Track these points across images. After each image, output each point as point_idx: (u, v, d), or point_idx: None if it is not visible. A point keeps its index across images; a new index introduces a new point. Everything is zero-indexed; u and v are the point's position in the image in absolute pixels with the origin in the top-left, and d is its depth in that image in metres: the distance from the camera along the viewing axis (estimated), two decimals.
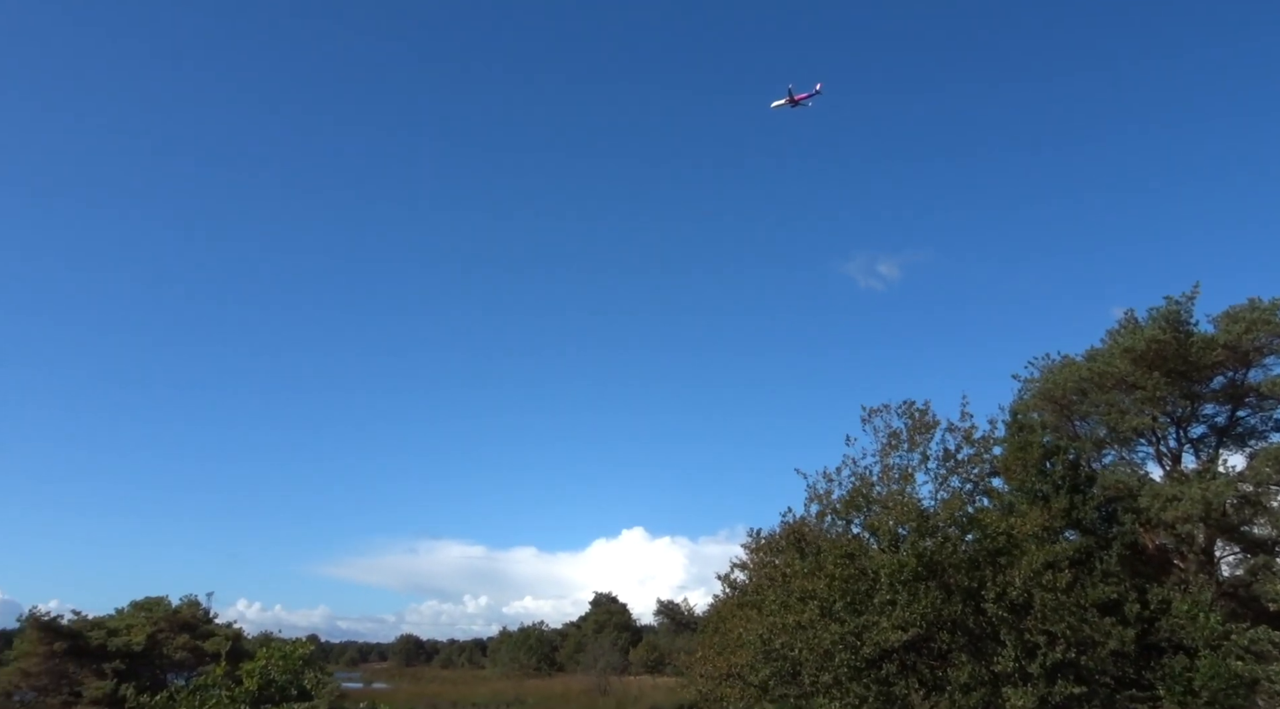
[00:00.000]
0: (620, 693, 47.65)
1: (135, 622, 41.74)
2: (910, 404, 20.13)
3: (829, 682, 16.75)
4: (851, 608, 16.70)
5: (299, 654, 11.95)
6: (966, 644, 16.85)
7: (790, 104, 48.52)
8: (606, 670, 56.10)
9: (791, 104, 48.45)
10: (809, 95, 48.83)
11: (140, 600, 44.72)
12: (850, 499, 19.25)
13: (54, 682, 38.11)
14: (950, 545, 17.10)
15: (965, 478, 20.08)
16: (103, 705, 36.08)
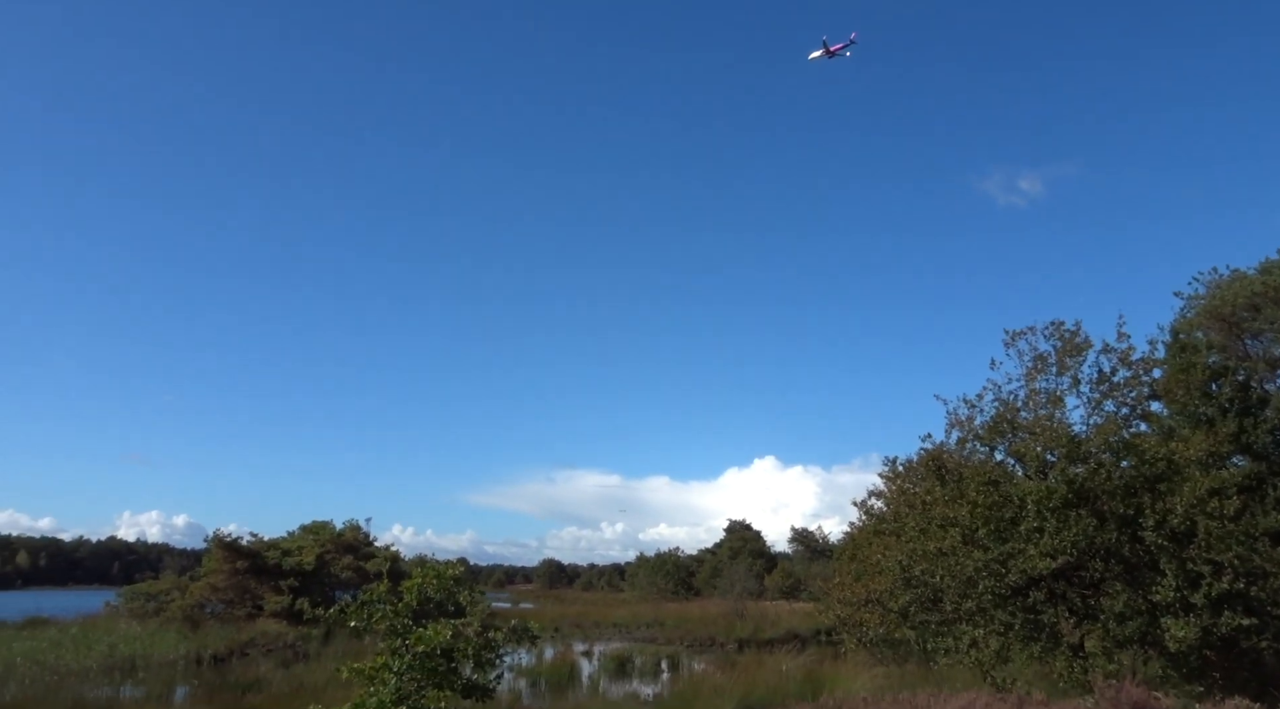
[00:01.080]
0: (757, 617, 48.37)
1: (305, 543, 45.24)
2: (1059, 325, 19.11)
3: (972, 609, 16.47)
4: (996, 535, 16.26)
5: (452, 574, 12.66)
6: (1122, 573, 16.18)
7: (826, 55, 48.10)
8: (742, 595, 56.99)
9: (828, 55, 48.01)
10: (844, 46, 48.14)
11: (308, 524, 48.33)
12: (994, 425, 18.59)
13: (239, 596, 41.90)
14: (1104, 472, 16.31)
15: (1121, 402, 19.01)
16: (281, 617, 39.48)
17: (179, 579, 46.20)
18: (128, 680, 24.87)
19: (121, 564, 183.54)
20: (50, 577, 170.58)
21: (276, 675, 22.82)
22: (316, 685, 17.28)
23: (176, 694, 19.91)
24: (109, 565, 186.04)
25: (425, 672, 11.03)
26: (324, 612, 12.88)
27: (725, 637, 41.67)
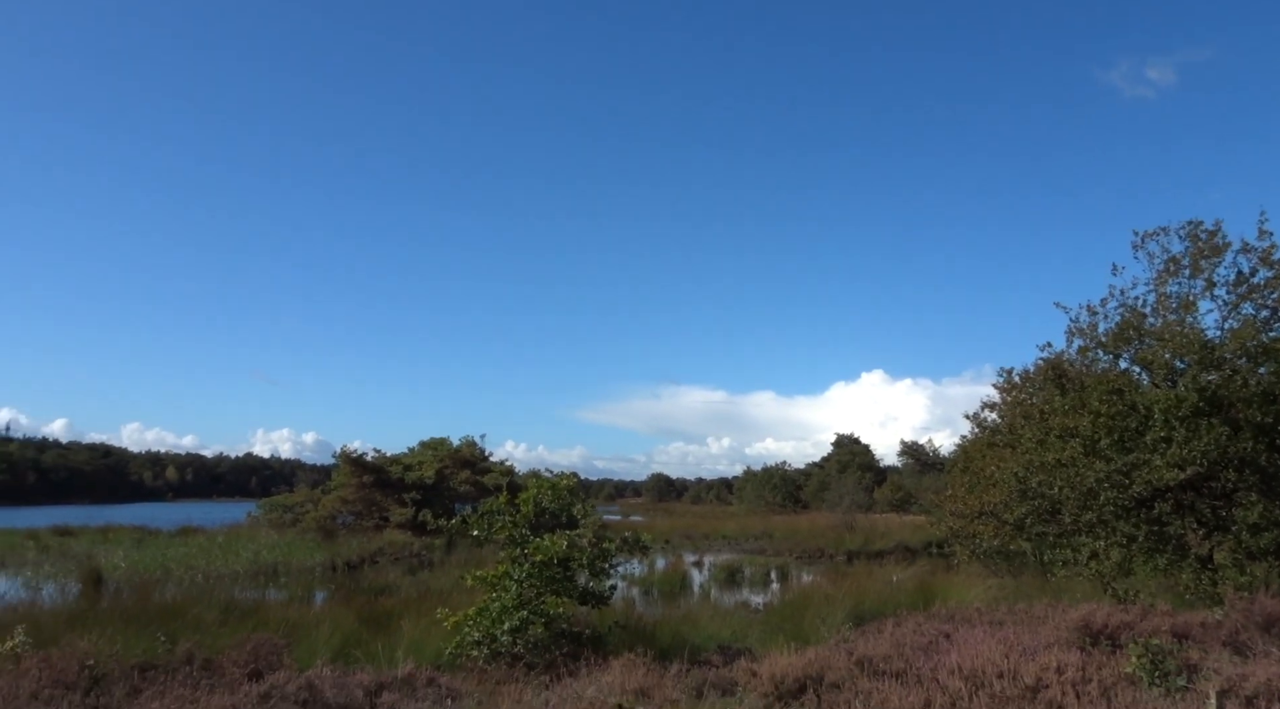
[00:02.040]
0: (866, 529, 48.40)
1: (425, 459, 47.33)
2: (1195, 225, 17.84)
3: (1092, 520, 16.01)
4: (1119, 445, 15.63)
5: (566, 486, 13.06)
6: (1257, 483, 15.38)
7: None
8: (851, 508, 57.02)
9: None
10: None
11: (427, 441, 50.44)
12: (1119, 332, 17.67)
13: (366, 508, 44.38)
14: (1240, 378, 15.38)
15: (1260, 304, 17.74)
16: (405, 528, 41.69)
17: (312, 492, 49.12)
18: (271, 584, 26.86)
19: (258, 478, 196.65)
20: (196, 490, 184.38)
21: (405, 581, 24.19)
22: (442, 591, 18.23)
23: (316, 597, 21.34)
24: (247, 479, 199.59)
25: (544, 579, 11.51)
26: (446, 523, 13.50)
27: (834, 549, 41.93)
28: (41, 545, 37.53)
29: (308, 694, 7.21)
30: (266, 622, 12.99)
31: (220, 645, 11.01)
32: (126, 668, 9.62)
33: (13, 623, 11.65)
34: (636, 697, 7.83)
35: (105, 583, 24.31)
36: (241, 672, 8.98)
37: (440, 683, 8.79)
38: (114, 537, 41.31)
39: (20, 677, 8.93)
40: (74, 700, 8.08)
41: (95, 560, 29.44)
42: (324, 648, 11.35)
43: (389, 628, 12.60)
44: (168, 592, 19.33)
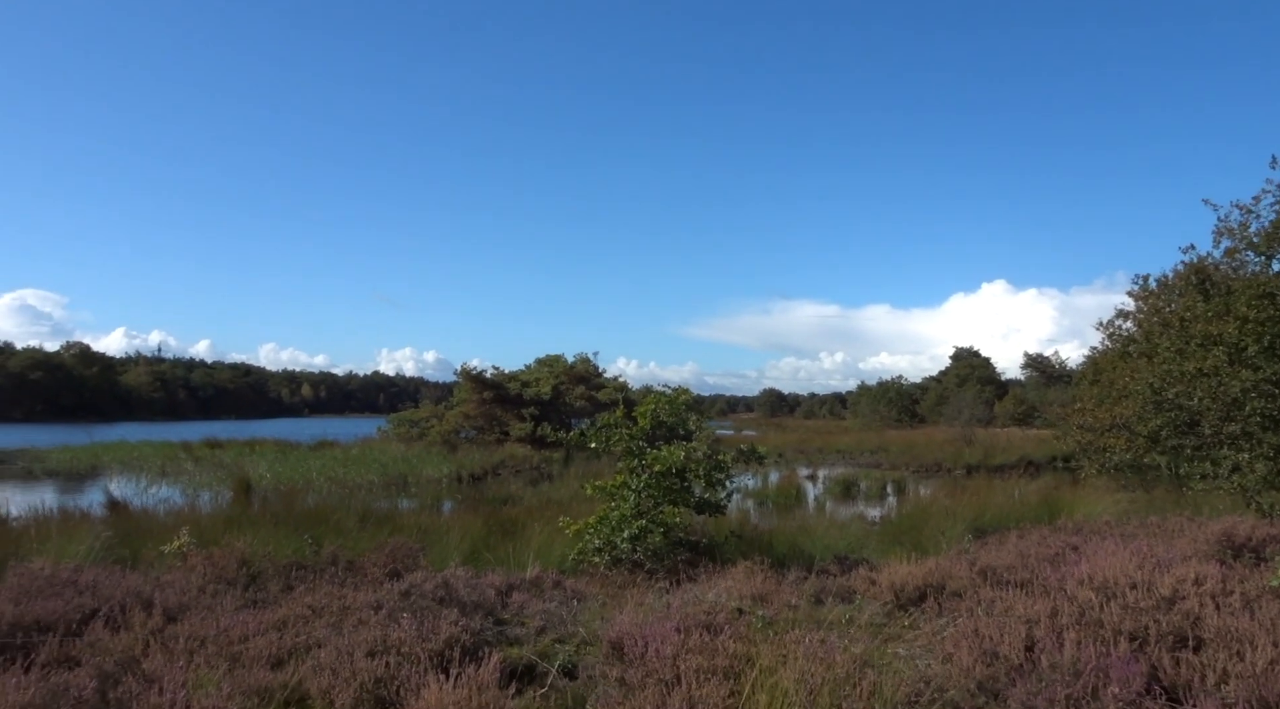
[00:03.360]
0: (986, 443, 47.26)
1: (541, 375, 48.52)
2: None
3: (1235, 432, 15.15)
4: (1269, 353, 14.63)
5: (682, 400, 13.19)
6: None
7: None
8: (971, 422, 55.64)
9: None
10: None
11: (543, 358, 51.61)
12: (1273, 231, 16.36)
13: (487, 422, 46.03)
14: None
15: None
16: (525, 442, 43.12)
17: (436, 408, 51.17)
18: (401, 494, 28.36)
19: (385, 395, 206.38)
20: (329, 406, 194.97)
21: (526, 492, 25.13)
22: (561, 501, 18.88)
23: (444, 506, 22.42)
24: (375, 396, 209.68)
25: (661, 489, 11.75)
26: (564, 436, 13.85)
27: (952, 463, 41.18)
28: (195, 456, 40.62)
29: (444, 592, 7.63)
30: (401, 528, 13.74)
31: (360, 549, 11.75)
32: (279, 567, 10.38)
33: (178, 525, 12.73)
34: (755, 601, 7.97)
35: (254, 491, 26.13)
36: (382, 572, 9.57)
37: (565, 585, 9.17)
38: (258, 449, 44.23)
39: (189, 572, 9.78)
40: (235, 594, 8.79)
41: (243, 470, 31.67)
42: (455, 552, 11.97)
43: (513, 535, 13.15)
44: (309, 500, 20.63)
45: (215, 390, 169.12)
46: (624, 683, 5.55)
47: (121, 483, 30.89)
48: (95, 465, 39.19)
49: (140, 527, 13.72)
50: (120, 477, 33.96)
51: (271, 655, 6.65)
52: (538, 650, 6.61)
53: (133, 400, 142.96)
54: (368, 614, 7.15)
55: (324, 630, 6.99)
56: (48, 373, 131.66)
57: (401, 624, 6.55)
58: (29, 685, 5.11)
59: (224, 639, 6.99)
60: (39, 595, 7.77)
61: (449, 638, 6.30)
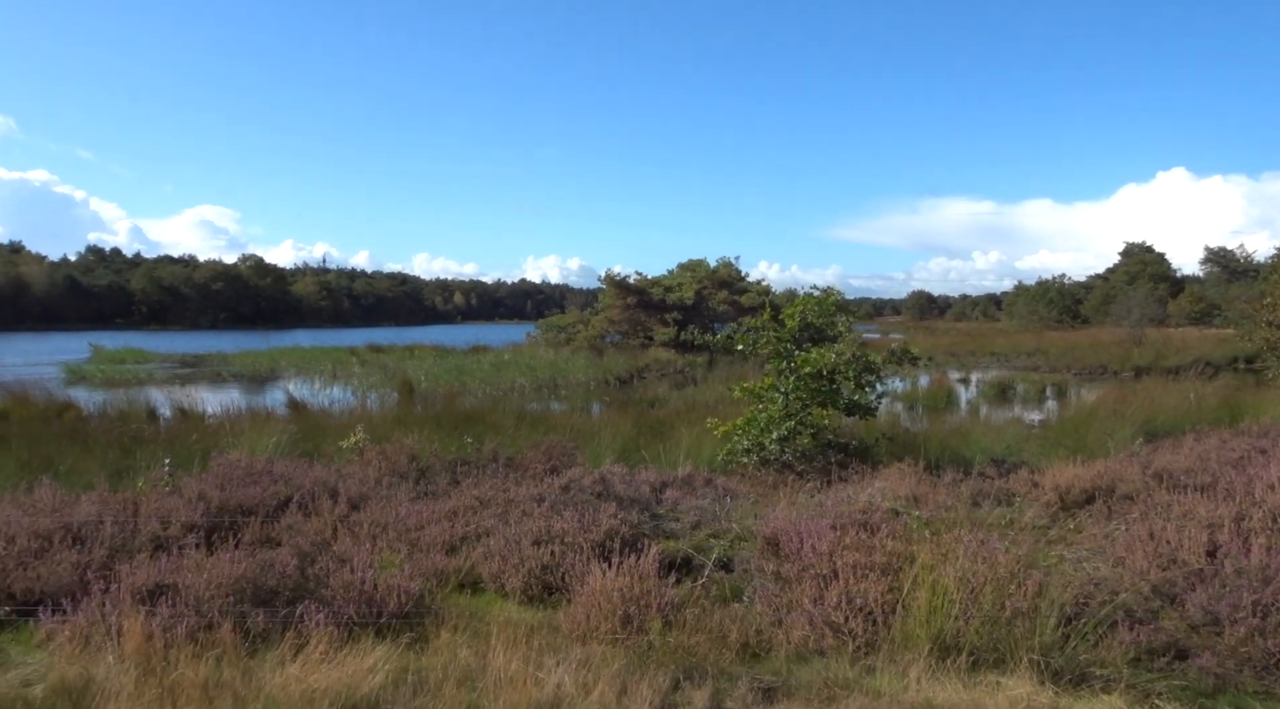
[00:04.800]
0: (1158, 344, 44.19)
1: (683, 280, 48.55)
2: None
3: None
4: None
5: (831, 301, 12.92)
6: None
7: None
8: (1141, 321, 52.06)
9: None
10: None
11: (685, 263, 51.49)
12: None
13: (632, 327, 46.67)
14: None
15: None
16: (669, 346, 43.56)
17: (581, 314, 52.21)
18: (552, 397, 29.35)
19: (532, 301, 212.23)
20: (480, 313, 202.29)
21: (672, 395, 25.48)
22: (707, 403, 19.07)
23: (593, 408, 23.07)
24: (523, 303, 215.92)
25: (810, 391, 11.65)
26: (710, 339, 13.88)
27: (1119, 365, 38.84)
28: (361, 360, 43.21)
29: (601, 487, 7.94)
30: (554, 428, 14.26)
31: (517, 447, 12.29)
32: (445, 462, 11.02)
33: (351, 423, 13.68)
34: (909, 502, 7.89)
35: (415, 392, 27.65)
36: (542, 468, 10.01)
37: (716, 483, 9.34)
38: (417, 354, 46.53)
39: (365, 466, 10.55)
40: (407, 486, 9.42)
41: (405, 374, 33.50)
42: (606, 452, 12.35)
43: (662, 436, 13.41)
44: (467, 401, 21.66)
45: (375, 299, 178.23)
46: (780, 576, 5.65)
47: (297, 384, 33.30)
48: (273, 368, 42.39)
49: (319, 424, 14.79)
50: (296, 379, 36.60)
51: (445, 542, 7.14)
52: (693, 544, 6.81)
53: (302, 308, 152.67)
54: (531, 506, 7.53)
55: (491, 521, 7.42)
56: (228, 283, 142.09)
57: (564, 516, 6.87)
58: (241, 560, 5.69)
59: (401, 526, 7.53)
60: (240, 483, 8.56)
61: (609, 530, 6.57)
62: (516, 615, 5.76)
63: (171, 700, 4.17)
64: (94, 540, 6.55)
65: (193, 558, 5.90)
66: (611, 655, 4.81)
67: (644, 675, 4.50)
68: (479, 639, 5.11)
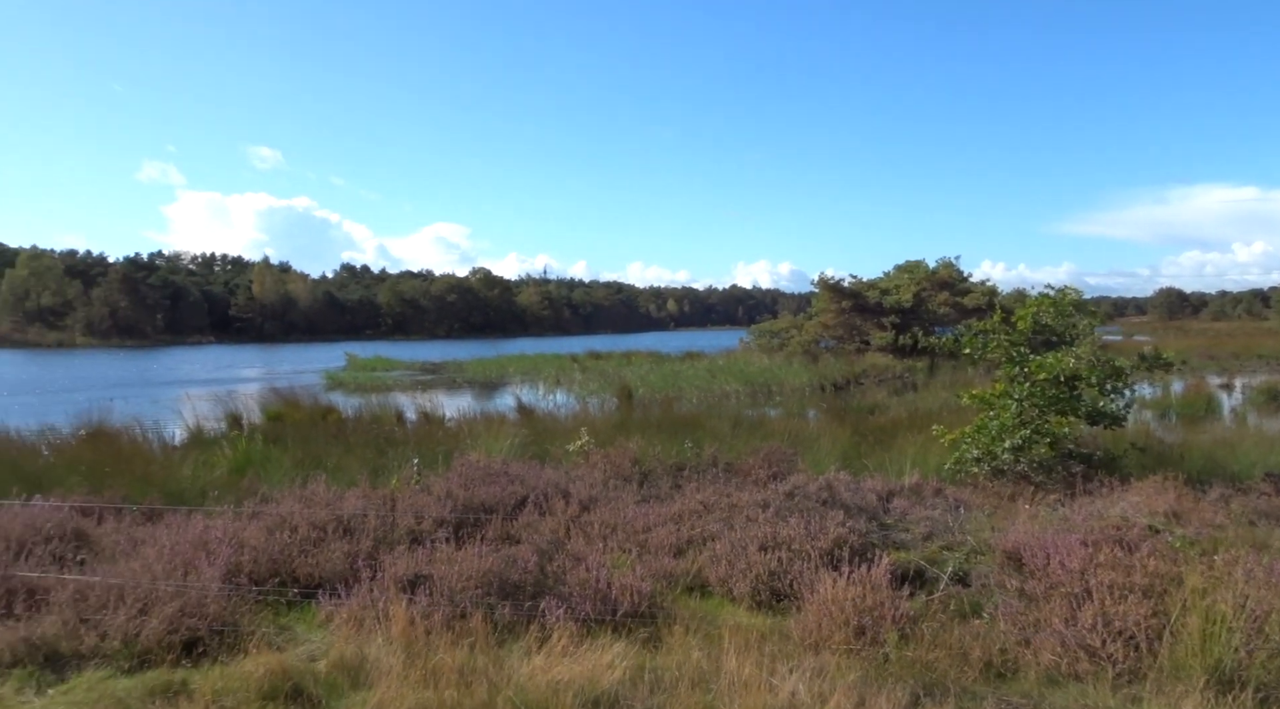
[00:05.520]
0: None
1: (901, 282, 46.86)
2: None
3: None
4: None
5: (1069, 300, 12.03)
6: None
7: None
8: None
9: None
10: None
11: (902, 264, 49.70)
12: None
13: (847, 332, 45.61)
14: None
15: None
16: (886, 351, 42.18)
17: (794, 319, 51.58)
18: (766, 403, 29.21)
19: (744, 307, 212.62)
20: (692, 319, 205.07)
21: (891, 402, 24.64)
22: (930, 411, 18.28)
23: (809, 415, 22.74)
24: (734, 309, 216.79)
25: (1046, 398, 10.91)
26: (935, 340, 13.32)
27: None
28: (582, 367, 44.99)
29: (827, 494, 7.82)
30: (771, 434, 14.19)
31: (736, 452, 12.34)
32: (666, 466, 11.27)
33: (576, 427, 14.27)
34: (1169, 519, 7.21)
35: (634, 398, 28.42)
36: (763, 473, 10.00)
37: (946, 493, 8.95)
38: (634, 360, 47.80)
39: (591, 468, 10.98)
40: (632, 489, 9.70)
41: (624, 379, 34.53)
42: (826, 458, 12.14)
43: (883, 443, 13.00)
44: (683, 407, 21.99)
45: (593, 307, 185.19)
46: (1025, 594, 5.34)
47: (524, 390, 35.14)
48: (501, 374, 45.02)
49: (546, 428, 15.54)
50: (522, 384, 38.65)
51: (672, 545, 7.30)
52: (925, 556, 6.56)
53: (526, 317, 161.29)
54: (755, 512, 7.54)
55: (716, 525, 7.51)
56: (460, 295, 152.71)
57: (789, 523, 6.83)
58: (487, 556, 6.10)
59: (630, 528, 7.78)
60: (480, 482, 9.16)
61: (836, 538, 6.46)
62: (746, 620, 5.79)
63: (434, 682, 4.53)
64: (360, 532, 7.24)
65: (444, 551, 6.38)
66: (846, 666, 4.73)
67: (881, 688, 4.39)
68: (710, 642, 5.19)
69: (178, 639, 5.04)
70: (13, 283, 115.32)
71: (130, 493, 9.61)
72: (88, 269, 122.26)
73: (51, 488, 9.35)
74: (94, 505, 8.39)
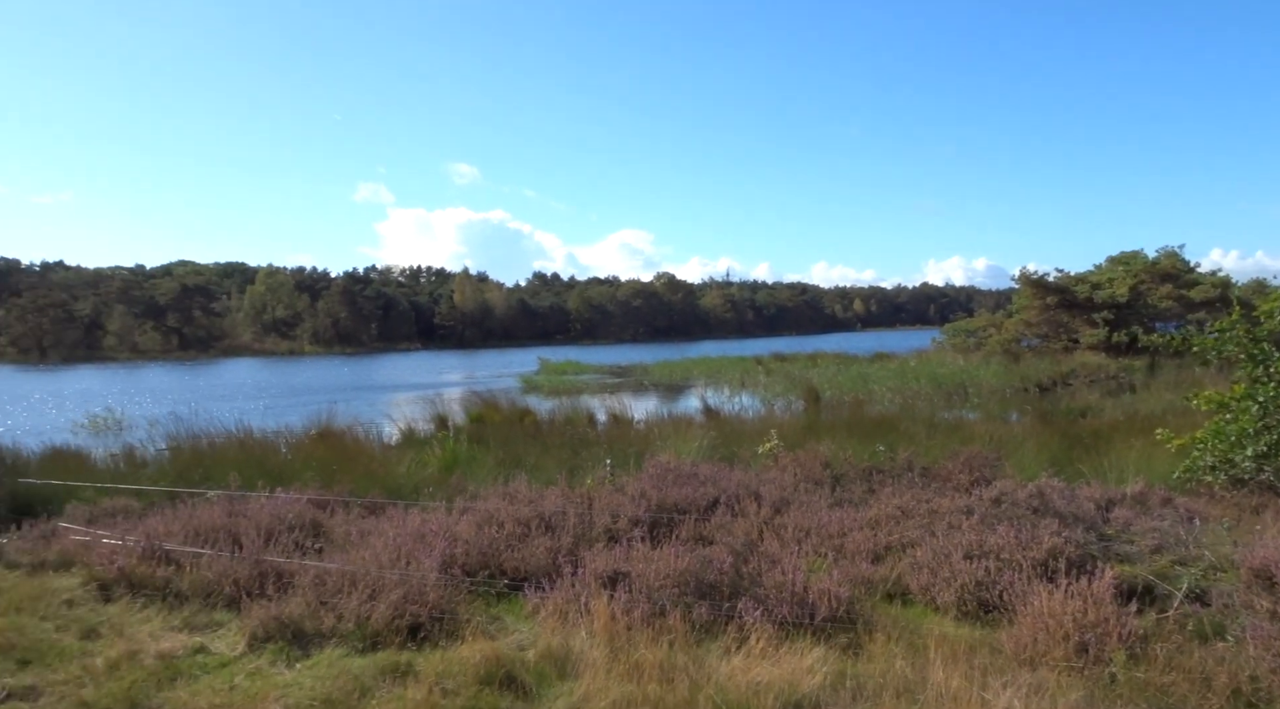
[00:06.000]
0: None
1: (1114, 275, 43.44)
2: None
3: None
4: None
5: None
6: None
7: None
8: None
9: None
10: None
11: (1115, 256, 46.11)
12: None
13: (1052, 330, 42.79)
14: None
15: None
16: (1098, 350, 39.23)
17: (993, 316, 48.97)
18: (963, 405, 27.87)
19: (935, 306, 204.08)
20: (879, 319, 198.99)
21: (1105, 404, 22.89)
22: (1150, 414, 16.81)
23: (1011, 417, 21.50)
24: (925, 307, 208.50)
25: None
26: (1159, 337, 12.24)
27: None
28: (766, 369, 44.67)
29: (1038, 502, 7.36)
30: (971, 437, 13.52)
31: (932, 456, 11.85)
32: (858, 470, 10.98)
33: (763, 429, 14.17)
34: None
35: (821, 400, 27.90)
36: (964, 478, 9.55)
37: (1176, 503, 8.19)
38: (819, 362, 46.95)
39: (781, 471, 10.87)
40: (824, 492, 9.52)
41: (810, 381, 33.97)
42: (1033, 464, 11.43)
43: (1097, 449, 12.09)
44: (873, 409, 21.35)
45: (776, 309, 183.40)
46: (1278, 617, 4.80)
47: (708, 392, 35.31)
48: (686, 377, 45.45)
49: (733, 430, 15.52)
50: (706, 387, 38.84)
51: (869, 550, 7.10)
52: (1154, 571, 6.04)
53: (709, 320, 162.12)
54: (958, 518, 7.21)
55: (916, 531, 7.24)
56: (645, 300, 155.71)
57: (997, 531, 6.48)
58: (683, 555, 6.16)
59: (824, 532, 7.63)
60: (672, 483, 9.28)
61: (1051, 547, 6.07)
62: (951, 631, 5.55)
63: (637, 676, 4.63)
64: (560, 529, 7.51)
65: (640, 550, 6.51)
66: (1066, 684, 4.43)
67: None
68: (914, 651, 5.01)
69: (403, 624, 5.41)
70: (253, 298, 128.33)
71: (355, 487, 10.44)
72: (314, 284, 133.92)
73: (290, 482, 10.32)
74: (326, 498, 9.19)
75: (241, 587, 6.22)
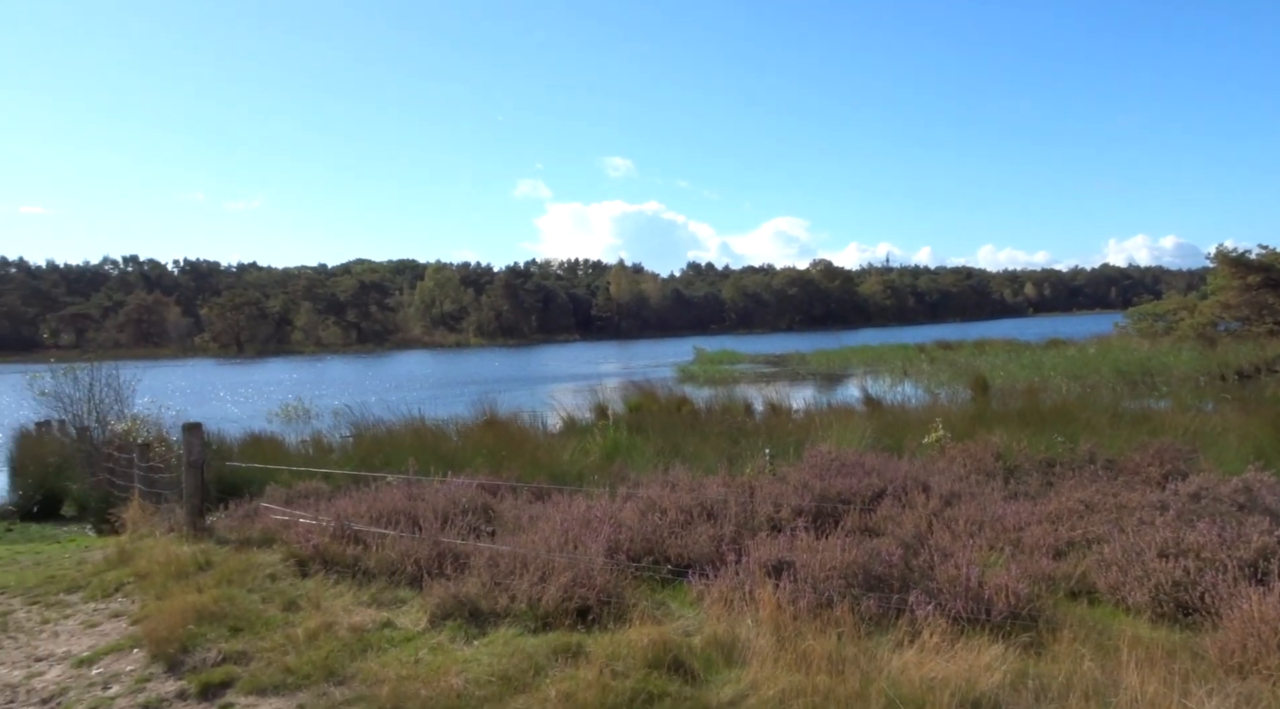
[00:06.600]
0: None
1: None
2: None
3: None
4: None
5: None
6: None
7: None
8: None
9: None
10: None
11: None
12: None
13: (1254, 312, 39.11)
14: None
15: None
16: None
17: (1184, 299, 45.36)
18: (1150, 393, 25.93)
19: (1117, 288, 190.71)
20: (1053, 304, 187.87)
21: None
22: None
23: (1207, 406, 19.83)
24: (1105, 291, 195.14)
25: None
26: None
27: None
28: (930, 357, 43.10)
29: (1244, 498, 6.75)
30: (1161, 428, 12.58)
31: (1116, 448, 11.10)
32: (1034, 462, 10.42)
33: (928, 419, 13.66)
34: None
35: (990, 388, 26.64)
36: (1155, 472, 8.90)
37: None
38: (987, 349, 44.89)
39: (949, 462, 10.46)
40: (996, 485, 9.10)
41: (977, 369, 32.51)
42: (1234, 457, 10.51)
43: None
44: (1048, 398, 20.19)
45: (939, 295, 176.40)
46: None
47: (868, 381, 34.40)
48: (844, 366, 44.51)
49: (896, 420, 15.06)
50: (866, 376, 37.87)
51: (1050, 546, 6.73)
52: None
53: (868, 308, 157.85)
54: (1150, 514, 6.72)
55: (1102, 527, 6.80)
56: (800, 288, 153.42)
57: (1197, 528, 5.99)
58: (850, 547, 6.03)
59: (999, 526, 7.29)
60: (835, 473, 9.10)
61: (1261, 547, 5.56)
62: (1145, 633, 5.18)
63: (805, 666, 4.57)
64: (722, 517, 7.51)
65: (804, 540, 6.41)
66: None
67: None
68: (1103, 653, 4.71)
69: (572, 606, 5.57)
70: (422, 293, 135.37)
71: (522, 473, 10.84)
72: (478, 278, 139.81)
73: (461, 467, 10.83)
74: (495, 483, 9.58)
75: (422, 566, 6.56)
